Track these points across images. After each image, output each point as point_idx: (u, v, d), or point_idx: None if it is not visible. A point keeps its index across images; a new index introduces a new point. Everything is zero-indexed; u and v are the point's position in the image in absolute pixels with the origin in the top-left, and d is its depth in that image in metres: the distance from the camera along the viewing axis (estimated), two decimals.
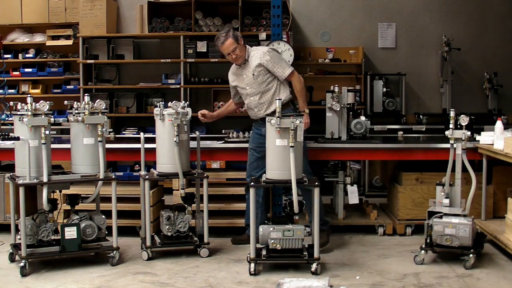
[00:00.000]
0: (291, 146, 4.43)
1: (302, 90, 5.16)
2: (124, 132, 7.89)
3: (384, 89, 7.67)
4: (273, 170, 4.60)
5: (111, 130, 5.00)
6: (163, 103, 5.05)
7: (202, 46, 7.73)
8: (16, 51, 8.24)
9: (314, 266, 4.55)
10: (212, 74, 8.09)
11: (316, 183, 4.59)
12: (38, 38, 8.24)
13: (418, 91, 8.12)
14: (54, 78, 8.22)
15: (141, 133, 5.31)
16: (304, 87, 5.22)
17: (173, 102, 4.91)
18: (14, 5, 8.05)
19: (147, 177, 4.98)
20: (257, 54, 5.10)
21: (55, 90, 8.21)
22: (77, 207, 5.06)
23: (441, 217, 4.80)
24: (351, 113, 5.70)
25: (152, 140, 5.15)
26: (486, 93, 7.88)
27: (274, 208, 5.48)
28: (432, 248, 4.83)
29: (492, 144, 5.22)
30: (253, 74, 5.08)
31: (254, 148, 5.28)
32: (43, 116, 4.62)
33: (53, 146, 5.04)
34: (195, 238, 5.12)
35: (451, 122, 4.82)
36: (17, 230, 4.89)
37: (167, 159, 4.94)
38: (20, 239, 4.72)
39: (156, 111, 4.94)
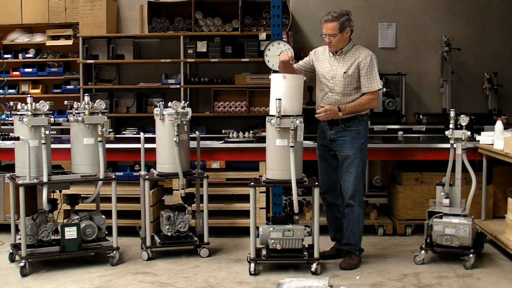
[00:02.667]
0: (291, 146, 4.43)
1: (365, 102, 4.68)
2: (124, 132, 7.89)
3: (384, 89, 7.66)
4: (273, 170, 4.60)
5: (111, 130, 5.01)
6: (163, 103, 5.05)
7: (202, 46, 7.73)
8: (16, 51, 8.24)
9: (314, 266, 4.54)
10: (212, 74, 8.11)
11: (316, 183, 4.59)
12: (38, 38, 8.24)
13: (418, 91, 8.11)
14: (54, 78, 8.22)
15: (141, 133, 5.31)
16: (368, 108, 4.75)
17: (173, 102, 4.91)
18: (14, 5, 8.05)
19: (147, 177, 4.98)
20: (362, 53, 4.69)
21: (55, 90, 8.21)
22: (77, 207, 5.06)
23: (441, 217, 4.80)
24: None
25: (152, 140, 5.15)
26: (486, 93, 7.88)
27: (274, 208, 5.48)
28: (432, 248, 4.83)
29: (492, 144, 5.22)
30: (345, 72, 4.67)
31: (319, 153, 4.94)
32: (43, 116, 4.62)
33: (53, 146, 5.04)
34: (195, 238, 5.12)
35: (451, 122, 4.82)
36: (17, 230, 4.89)
37: (167, 159, 4.94)
38: (20, 239, 4.72)
39: (156, 111, 4.94)
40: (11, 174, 4.88)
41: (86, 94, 4.84)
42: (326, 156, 4.88)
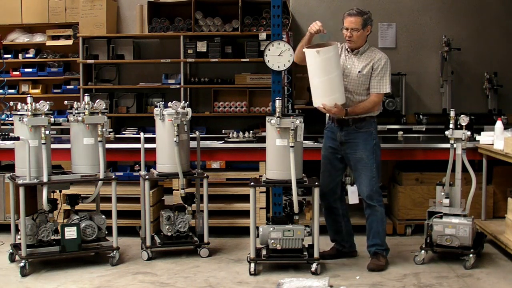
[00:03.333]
0: (291, 146, 4.43)
1: (371, 105, 4.68)
2: (124, 132, 7.90)
3: None
4: (273, 170, 4.60)
5: (111, 130, 5.01)
6: (163, 103, 5.05)
7: (202, 46, 7.73)
8: (16, 51, 8.24)
9: (314, 266, 4.54)
10: (212, 74, 8.11)
11: (316, 183, 4.58)
12: (38, 38, 8.24)
13: (418, 91, 8.11)
14: (54, 78, 8.22)
15: (141, 133, 5.31)
16: (372, 112, 4.74)
17: (173, 102, 4.91)
18: (14, 5, 8.05)
19: (147, 177, 4.98)
20: (377, 55, 4.71)
21: (55, 90, 8.21)
22: (77, 207, 5.06)
23: (441, 217, 4.80)
24: None
25: (152, 140, 5.15)
26: (486, 93, 7.87)
27: (274, 208, 5.48)
28: (432, 248, 4.83)
29: (492, 144, 5.22)
30: (360, 71, 4.67)
31: (325, 155, 4.87)
32: (43, 116, 4.62)
33: (53, 146, 5.05)
34: (195, 238, 5.12)
35: (451, 122, 4.82)
36: (17, 230, 4.89)
37: (167, 159, 4.94)
38: (20, 239, 4.72)
39: (156, 111, 4.94)
40: (11, 174, 4.88)
41: (86, 94, 4.84)
42: (332, 159, 4.82)
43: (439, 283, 4.40)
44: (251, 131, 5.93)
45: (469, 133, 4.79)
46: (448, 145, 4.90)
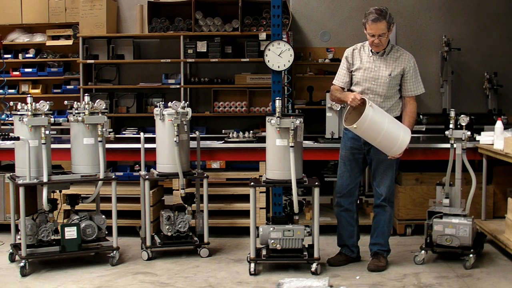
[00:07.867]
0: (291, 146, 4.43)
1: (415, 113, 4.70)
2: (124, 132, 7.90)
3: None
4: (273, 170, 4.60)
5: (111, 130, 5.01)
6: (163, 103, 5.05)
7: (202, 46, 7.74)
8: (16, 51, 8.25)
9: (314, 266, 4.54)
10: (212, 74, 8.11)
11: (316, 183, 4.58)
12: (38, 38, 8.25)
13: None
14: (54, 78, 8.23)
15: (141, 133, 5.32)
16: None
17: (173, 102, 4.91)
18: (14, 5, 8.06)
19: (147, 177, 4.98)
20: (405, 56, 4.63)
21: (55, 90, 8.22)
22: (77, 207, 5.06)
23: (441, 217, 4.80)
24: None
25: (152, 140, 5.15)
26: (486, 93, 7.88)
27: (274, 208, 5.49)
28: (432, 248, 4.83)
29: (492, 144, 5.22)
30: (390, 74, 4.57)
31: (347, 156, 4.75)
32: (43, 116, 4.62)
33: (53, 146, 5.04)
34: (195, 238, 5.12)
35: (451, 122, 4.82)
36: (17, 230, 4.89)
37: (167, 159, 4.94)
38: (20, 239, 4.72)
39: (156, 111, 4.94)
40: (11, 174, 4.88)
41: (86, 94, 4.85)
42: (352, 159, 4.72)
43: (439, 283, 4.40)
44: (251, 131, 5.93)
45: (469, 133, 4.79)
46: (448, 145, 4.90)
